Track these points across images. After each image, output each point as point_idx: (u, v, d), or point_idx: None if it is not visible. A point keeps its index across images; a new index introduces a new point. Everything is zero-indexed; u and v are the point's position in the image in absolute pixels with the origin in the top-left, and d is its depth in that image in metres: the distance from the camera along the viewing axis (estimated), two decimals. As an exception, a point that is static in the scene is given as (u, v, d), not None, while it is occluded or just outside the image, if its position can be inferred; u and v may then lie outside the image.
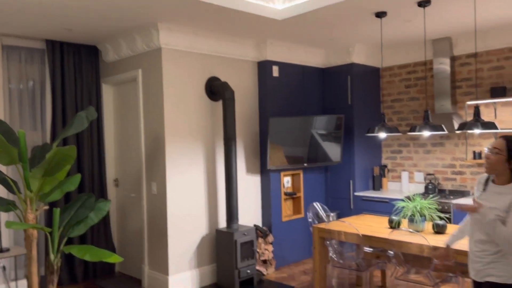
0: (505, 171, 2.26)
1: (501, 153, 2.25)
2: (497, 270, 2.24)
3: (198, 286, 4.66)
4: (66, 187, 3.64)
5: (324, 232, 4.02)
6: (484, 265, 2.29)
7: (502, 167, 2.26)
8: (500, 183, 2.30)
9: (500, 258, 2.24)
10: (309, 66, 5.69)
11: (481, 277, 2.32)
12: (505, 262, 2.23)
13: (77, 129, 3.45)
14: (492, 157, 2.27)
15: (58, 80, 4.78)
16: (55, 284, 3.51)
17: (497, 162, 2.26)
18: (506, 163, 2.24)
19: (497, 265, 2.25)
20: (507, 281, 2.22)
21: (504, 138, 2.28)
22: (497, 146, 2.27)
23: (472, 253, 2.37)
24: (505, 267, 2.23)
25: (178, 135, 4.55)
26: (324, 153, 5.40)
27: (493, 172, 2.31)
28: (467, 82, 5.16)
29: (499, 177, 2.31)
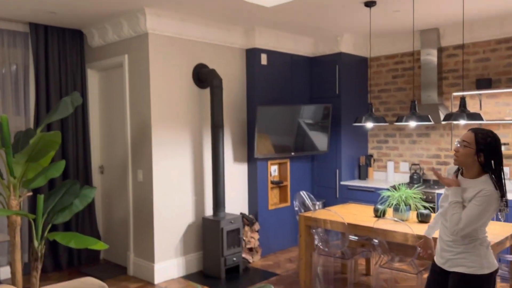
0: (474, 164, 2.25)
1: (470, 146, 2.23)
2: (468, 260, 2.25)
3: (184, 273, 4.67)
4: (50, 174, 3.58)
5: (310, 220, 4.05)
6: (454, 254, 2.29)
7: (471, 160, 2.25)
8: (469, 177, 2.30)
9: (471, 248, 2.26)
10: (297, 54, 5.67)
11: (450, 267, 2.32)
12: (476, 253, 2.25)
13: (62, 114, 3.38)
14: (461, 150, 2.26)
15: (42, 64, 4.67)
16: (39, 271, 3.48)
17: (466, 155, 2.25)
18: (475, 156, 2.23)
19: (468, 255, 2.26)
20: (476, 272, 2.24)
21: (473, 131, 2.26)
22: (466, 139, 2.25)
23: (443, 242, 2.36)
24: (476, 258, 2.25)
25: (165, 122, 4.51)
26: (311, 142, 5.42)
27: (461, 165, 2.30)
28: (454, 73, 5.20)
29: (468, 170, 2.30)
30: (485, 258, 2.25)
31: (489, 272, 2.25)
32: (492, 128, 4.89)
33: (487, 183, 2.22)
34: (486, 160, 2.23)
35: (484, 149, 2.22)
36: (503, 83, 4.83)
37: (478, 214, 2.18)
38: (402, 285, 4.29)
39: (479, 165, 2.25)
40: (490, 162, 2.24)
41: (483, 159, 2.23)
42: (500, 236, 3.15)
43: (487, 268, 2.25)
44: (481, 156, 2.23)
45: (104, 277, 4.55)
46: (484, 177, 2.24)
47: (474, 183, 2.26)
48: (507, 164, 4.81)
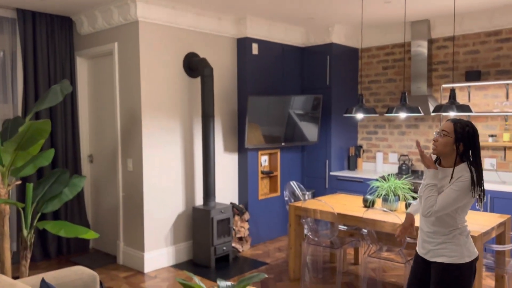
0: (452, 154, 2.29)
1: (449, 135, 2.28)
2: (448, 250, 2.29)
3: (174, 262, 4.68)
4: (39, 162, 3.55)
5: (300, 210, 4.08)
6: (435, 245, 2.33)
7: (449, 149, 2.29)
8: (447, 166, 2.34)
9: (451, 238, 2.29)
10: (288, 44, 5.66)
11: (431, 257, 2.36)
12: (456, 242, 2.29)
13: (51, 102, 3.34)
14: (440, 139, 2.30)
15: (30, 51, 4.60)
16: (28, 260, 3.46)
17: (445, 144, 2.29)
18: (453, 145, 2.27)
19: (449, 245, 2.30)
20: (457, 261, 2.28)
21: (452, 121, 2.31)
22: (445, 129, 2.30)
23: (424, 233, 2.40)
24: (456, 247, 2.29)
25: (155, 111, 4.48)
26: (301, 133, 5.44)
27: (440, 154, 2.34)
28: (443, 65, 5.24)
29: (446, 159, 2.34)
30: (465, 247, 2.30)
31: (470, 260, 2.30)
32: (480, 120, 4.96)
33: (465, 170, 2.26)
34: (464, 150, 2.28)
35: (462, 138, 2.26)
36: (492, 76, 4.88)
37: (454, 198, 2.22)
38: (390, 274, 4.36)
39: (457, 154, 2.29)
40: (468, 152, 2.28)
41: (462, 148, 2.27)
42: (486, 226, 3.21)
43: (468, 256, 2.30)
44: (461, 145, 2.27)
45: (94, 266, 4.55)
46: (462, 165, 2.28)
47: (453, 172, 2.29)
48: (495, 155, 4.89)
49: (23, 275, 3.45)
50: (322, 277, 4.28)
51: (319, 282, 4.15)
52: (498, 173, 4.84)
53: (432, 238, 2.35)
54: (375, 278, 4.19)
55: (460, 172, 2.27)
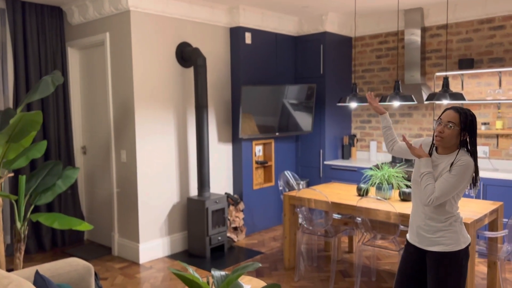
0: (455, 143, 2.27)
1: (456, 126, 2.23)
2: (446, 238, 2.29)
3: (169, 253, 4.69)
4: (31, 154, 3.53)
5: (295, 199, 4.09)
6: (432, 233, 2.32)
7: (455, 141, 2.26)
8: (444, 153, 2.32)
9: (448, 226, 2.29)
10: (282, 33, 5.63)
11: (426, 246, 2.35)
12: (453, 229, 2.29)
13: (43, 94, 3.31)
14: (447, 131, 2.24)
15: (20, 42, 4.54)
16: (22, 252, 3.45)
17: (452, 136, 2.24)
18: (459, 135, 2.25)
19: (446, 233, 2.29)
20: (454, 249, 2.28)
21: (456, 111, 2.25)
22: (451, 120, 2.23)
23: (418, 221, 2.38)
24: (453, 235, 2.29)
25: (148, 102, 4.45)
26: (295, 123, 5.43)
27: (445, 145, 2.29)
28: (437, 53, 5.24)
29: (446, 148, 2.31)
30: (460, 234, 2.31)
31: (465, 246, 2.31)
32: (473, 108, 4.98)
33: (462, 154, 2.26)
34: (468, 138, 2.27)
35: (466, 127, 2.24)
36: (485, 64, 4.89)
37: (454, 182, 2.21)
38: (384, 262, 4.40)
39: (458, 142, 2.28)
40: (471, 140, 2.28)
41: (466, 137, 2.26)
42: (479, 213, 3.24)
43: (464, 242, 2.31)
44: (465, 135, 2.25)
45: (89, 258, 4.55)
46: (461, 151, 2.28)
47: (449, 157, 2.28)
48: (487, 143, 4.92)
49: (17, 267, 3.44)
50: (316, 265, 4.31)
51: (314, 270, 4.18)
52: (490, 161, 4.88)
53: (428, 226, 2.34)
54: (369, 266, 4.23)
55: (458, 156, 2.26)
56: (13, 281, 1.85)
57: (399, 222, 3.35)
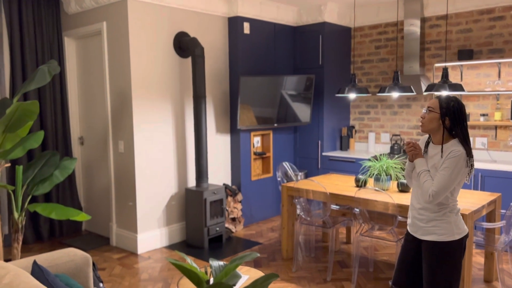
0: (440, 129, 2.31)
1: (434, 110, 2.30)
2: (439, 228, 2.31)
3: (167, 243, 4.70)
4: (28, 144, 3.50)
5: (293, 190, 4.09)
6: (426, 222, 2.35)
7: (436, 125, 2.31)
8: (436, 143, 2.36)
9: (442, 216, 2.31)
10: (280, 24, 5.58)
11: (421, 235, 2.38)
12: (447, 220, 2.31)
13: (39, 83, 3.28)
14: (426, 116, 2.33)
15: (16, 32, 4.49)
16: (20, 242, 3.45)
17: (431, 120, 2.31)
18: (440, 120, 2.29)
19: (439, 223, 2.31)
20: (447, 239, 2.30)
21: (437, 97, 2.35)
22: (430, 105, 2.32)
23: (415, 210, 2.41)
24: (446, 225, 2.30)
25: (146, 92, 4.42)
26: (294, 114, 5.42)
27: (428, 131, 2.36)
28: (436, 44, 5.22)
29: (435, 135, 2.36)
30: (455, 225, 2.32)
31: (460, 237, 2.32)
32: (472, 99, 4.97)
33: (455, 145, 2.27)
34: (452, 124, 2.28)
35: (447, 112, 2.27)
36: (484, 55, 4.87)
37: (449, 175, 2.23)
38: (381, 252, 4.42)
39: (445, 130, 2.30)
40: (457, 126, 2.29)
41: (448, 122, 2.28)
42: (477, 204, 3.24)
43: (457, 234, 2.32)
44: (446, 119, 2.28)
45: (87, 248, 4.55)
46: (453, 141, 2.30)
47: (443, 148, 2.30)
48: (486, 134, 4.92)
49: (15, 257, 3.44)
50: (314, 256, 4.32)
51: (312, 261, 4.19)
52: (489, 152, 4.88)
53: (422, 215, 2.37)
54: (367, 257, 4.24)
55: (450, 147, 2.27)
56: (10, 271, 1.85)
57: (397, 213, 3.35)
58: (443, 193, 2.25)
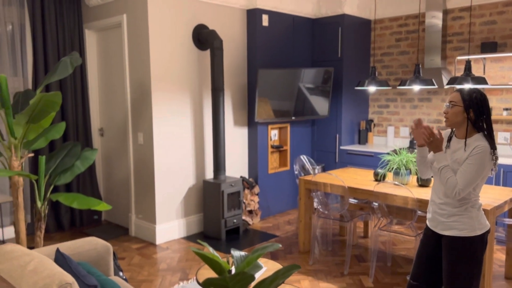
0: (464, 123, 2.27)
1: (457, 104, 2.26)
2: (460, 223, 2.27)
3: (185, 234, 4.74)
4: (51, 135, 3.57)
5: (310, 184, 4.08)
6: (447, 217, 2.31)
7: (460, 119, 2.27)
8: (460, 137, 2.32)
9: (463, 211, 2.27)
10: (299, 16, 5.54)
11: (442, 230, 2.34)
12: (468, 215, 2.27)
13: (61, 75, 3.33)
14: (450, 110, 2.29)
15: (38, 24, 4.56)
16: (43, 230, 3.52)
17: (455, 114, 2.27)
18: (464, 113, 2.25)
19: (460, 218, 2.27)
20: (468, 234, 2.26)
21: (458, 90, 2.30)
22: (452, 99, 2.28)
23: (436, 205, 2.38)
24: (468, 220, 2.26)
25: (165, 84, 4.45)
26: (311, 107, 5.39)
27: (453, 125, 2.32)
28: (458, 36, 5.11)
29: (459, 130, 2.32)
30: (476, 220, 2.28)
31: (481, 233, 2.28)
32: (495, 93, 4.86)
33: (479, 140, 2.23)
34: (476, 116, 2.24)
35: (471, 105, 2.24)
36: (509, 47, 4.75)
37: (475, 171, 2.19)
38: (399, 247, 4.38)
39: (469, 123, 2.26)
40: (481, 119, 2.25)
41: (473, 115, 2.24)
42: (499, 200, 3.18)
43: (479, 229, 2.28)
44: (471, 112, 2.24)
45: (107, 238, 4.63)
46: (477, 136, 2.26)
47: (467, 142, 2.26)
48: (508, 129, 4.81)
49: (38, 245, 3.52)
50: (331, 249, 4.32)
51: (329, 254, 4.19)
52: (511, 147, 4.78)
53: (443, 210, 2.33)
54: (385, 251, 4.22)
55: (475, 142, 2.23)
56: (35, 258, 1.89)
57: (417, 208, 3.32)
58: (468, 189, 2.22)
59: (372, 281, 3.58)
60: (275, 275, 1.26)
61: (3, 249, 2.01)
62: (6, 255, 1.94)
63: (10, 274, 1.80)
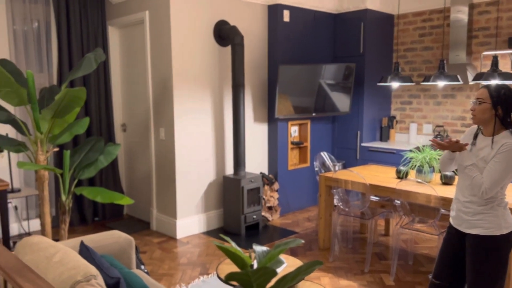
0: (492, 120, 2.22)
1: (485, 101, 2.21)
2: (485, 222, 2.23)
3: (205, 230, 4.78)
4: (75, 130, 3.64)
5: (331, 180, 4.05)
6: (472, 216, 2.27)
7: (488, 116, 2.22)
8: (488, 134, 2.27)
9: (489, 210, 2.23)
10: (321, 11, 5.49)
11: (466, 228, 2.30)
12: (494, 213, 2.22)
13: (86, 70, 3.38)
14: (477, 107, 2.24)
15: (63, 21, 4.64)
16: (67, 223, 3.60)
17: (483, 111, 2.22)
18: (492, 110, 2.20)
19: (486, 216, 2.23)
20: (493, 233, 2.22)
21: (485, 87, 2.25)
22: (480, 96, 2.23)
23: (461, 203, 2.33)
24: (493, 219, 2.22)
25: (186, 80, 4.48)
26: (332, 103, 5.34)
27: (480, 123, 2.27)
28: (485, 31, 4.99)
29: (486, 127, 2.27)
30: (502, 218, 2.23)
31: (507, 232, 2.23)
32: (522, 89, 4.73)
33: (507, 137, 2.18)
34: (504, 113, 2.20)
35: (499, 101, 2.19)
36: (537, 43, 4.61)
37: (502, 170, 2.14)
38: (421, 246, 4.32)
39: (497, 120, 2.21)
40: (509, 115, 2.20)
41: (501, 112, 2.19)
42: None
43: (505, 228, 2.23)
44: (499, 109, 2.19)
45: (128, 232, 4.70)
46: (504, 133, 2.21)
47: (494, 140, 2.22)
48: (536, 127, 4.67)
49: (63, 238, 3.60)
50: (351, 247, 4.28)
51: (349, 252, 4.16)
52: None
53: (468, 208, 2.29)
54: (406, 249, 4.16)
55: (501, 140, 2.18)
56: (60, 250, 1.93)
57: (440, 206, 3.26)
58: (496, 188, 2.17)
59: (393, 280, 3.54)
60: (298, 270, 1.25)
61: (30, 240, 2.06)
62: (33, 247, 1.99)
63: (37, 265, 1.85)
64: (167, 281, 3.52)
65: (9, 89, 3.04)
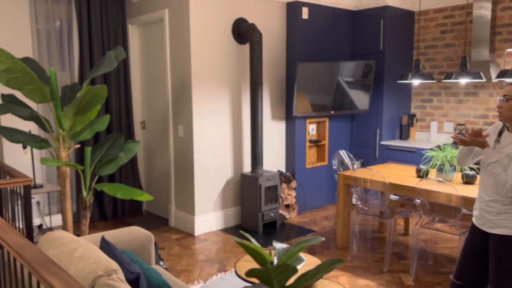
0: None
1: None
2: (509, 221, 2.19)
3: (222, 227, 4.80)
4: (96, 127, 3.69)
5: (349, 179, 4.02)
6: (495, 215, 2.23)
7: None
8: None
9: None
10: (340, 8, 5.45)
11: (489, 228, 2.26)
12: None
13: (107, 68, 3.43)
14: (504, 104, 2.20)
15: (84, 20, 4.71)
16: (88, 219, 3.66)
17: (509, 108, 2.19)
18: None
19: (510, 216, 2.19)
20: None
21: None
22: (507, 93, 2.20)
23: (484, 202, 2.29)
24: None
25: (205, 78, 4.50)
26: (351, 101, 5.30)
27: (507, 120, 2.24)
28: (508, 28, 4.87)
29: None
30: None
31: None
32: (547, 87, 4.61)
33: None
34: None
35: None
36: None
37: None
38: (442, 246, 4.25)
39: None
40: None
41: None
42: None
43: None
44: None
45: (147, 228, 4.75)
46: None
47: None
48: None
49: (84, 233, 3.66)
50: (370, 246, 4.25)
51: (367, 251, 4.12)
52: None
53: (492, 207, 2.25)
54: (426, 249, 4.10)
55: None
56: (82, 245, 1.96)
57: (462, 206, 3.20)
58: None
59: (413, 280, 3.50)
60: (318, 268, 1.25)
61: (52, 235, 2.11)
62: (56, 241, 2.03)
63: (59, 259, 1.88)
64: (185, 277, 3.55)
65: (33, 87, 3.10)
